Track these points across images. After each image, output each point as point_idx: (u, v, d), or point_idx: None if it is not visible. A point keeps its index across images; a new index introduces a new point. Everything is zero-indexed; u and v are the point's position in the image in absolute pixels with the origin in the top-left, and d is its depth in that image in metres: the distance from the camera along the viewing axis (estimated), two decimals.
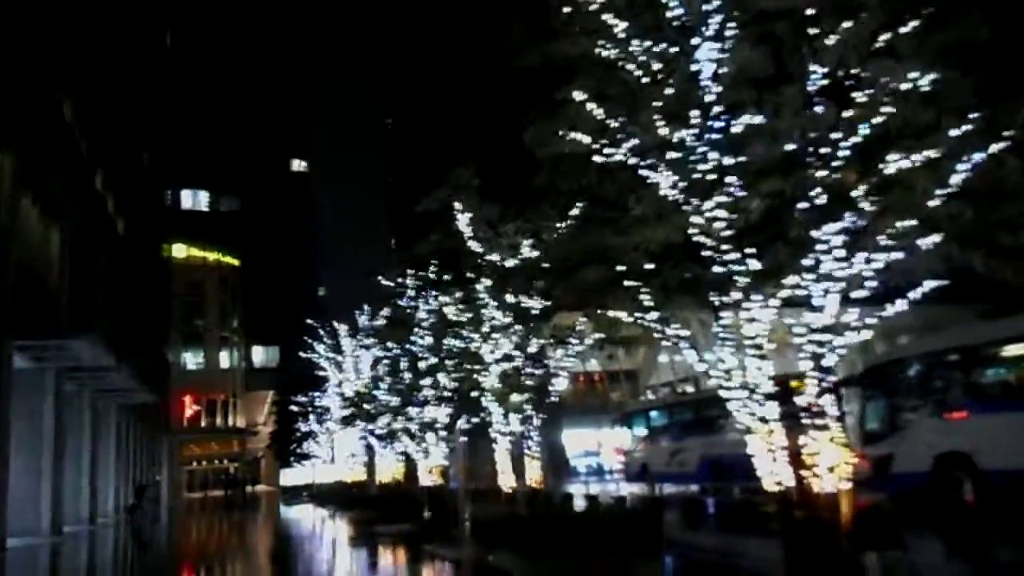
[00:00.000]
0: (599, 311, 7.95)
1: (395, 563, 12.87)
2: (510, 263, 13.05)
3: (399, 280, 18.19)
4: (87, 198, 28.72)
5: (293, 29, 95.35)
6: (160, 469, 52.67)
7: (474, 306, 12.84)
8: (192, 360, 72.52)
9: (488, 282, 12.89)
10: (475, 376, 13.23)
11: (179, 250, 69.18)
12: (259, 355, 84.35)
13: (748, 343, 7.17)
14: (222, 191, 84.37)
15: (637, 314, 7.86)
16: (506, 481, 13.09)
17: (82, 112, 28.02)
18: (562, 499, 14.99)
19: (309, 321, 33.49)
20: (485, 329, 12.86)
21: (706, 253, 6.94)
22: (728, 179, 6.66)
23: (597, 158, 7.40)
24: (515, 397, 13.02)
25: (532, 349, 12.82)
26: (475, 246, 13.07)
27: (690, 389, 47.57)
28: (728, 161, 6.65)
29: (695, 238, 6.92)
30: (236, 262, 75.89)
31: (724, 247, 6.82)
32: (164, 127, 55.29)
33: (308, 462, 51.02)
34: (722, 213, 6.69)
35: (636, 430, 27.59)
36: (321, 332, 31.62)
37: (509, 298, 12.79)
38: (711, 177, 6.73)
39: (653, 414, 26.84)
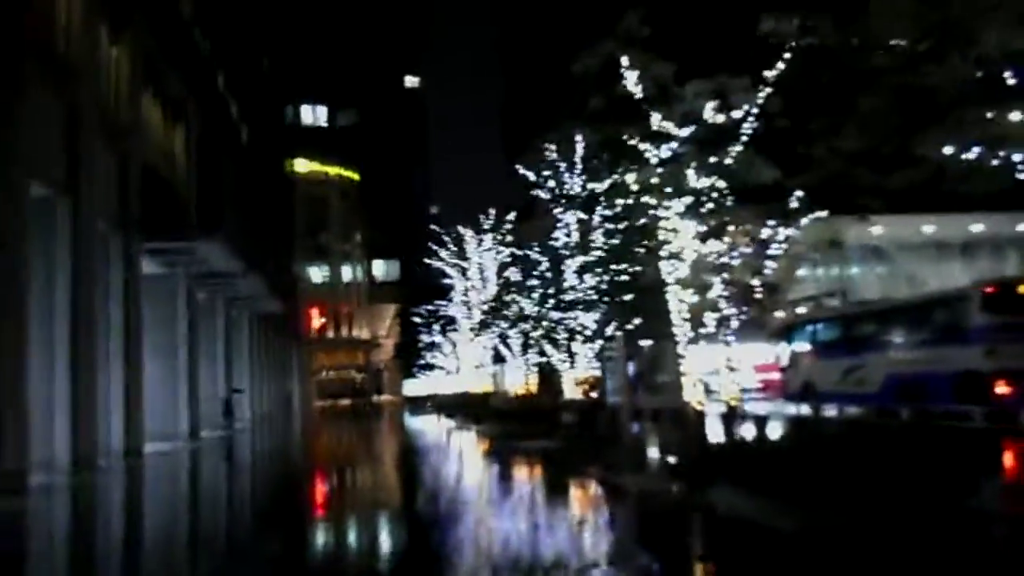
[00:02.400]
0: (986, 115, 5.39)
1: (558, 489, 10.96)
2: (686, 131, 10.50)
3: (548, 157, 15.86)
4: (210, 99, 27.95)
5: None
6: (291, 377, 54.29)
7: (652, 181, 10.41)
8: (317, 274, 74.07)
9: (666, 151, 10.39)
10: (650, 268, 10.92)
11: (301, 165, 69.68)
12: (379, 269, 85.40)
13: None
14: (339, 106, 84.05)
15: None
16: (694, 397, 10.88)
17: (201, 11, 26.96)
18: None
19: (433, 227, 32.07)
20: (675, 206, 10.39)
21: None
22: None
23: None
24: (714, 292, 10.68)
25: (728, 238, 10.30)
26: (654, 117, 10.53)
27: (835, 303, 43.75)
28: None
29: None
30: (356, 176, 76.03)
31: None
32: (282, 35, 54.56)
33: (431, 373, 51.03)
34: None
35: (797, 344, 24.71)
36: (446, 238, 30.20)
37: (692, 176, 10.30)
38: None
39: (820, 326, 23.78)
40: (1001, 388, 15.60)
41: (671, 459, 10.59)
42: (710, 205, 10.13)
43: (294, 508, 10.71)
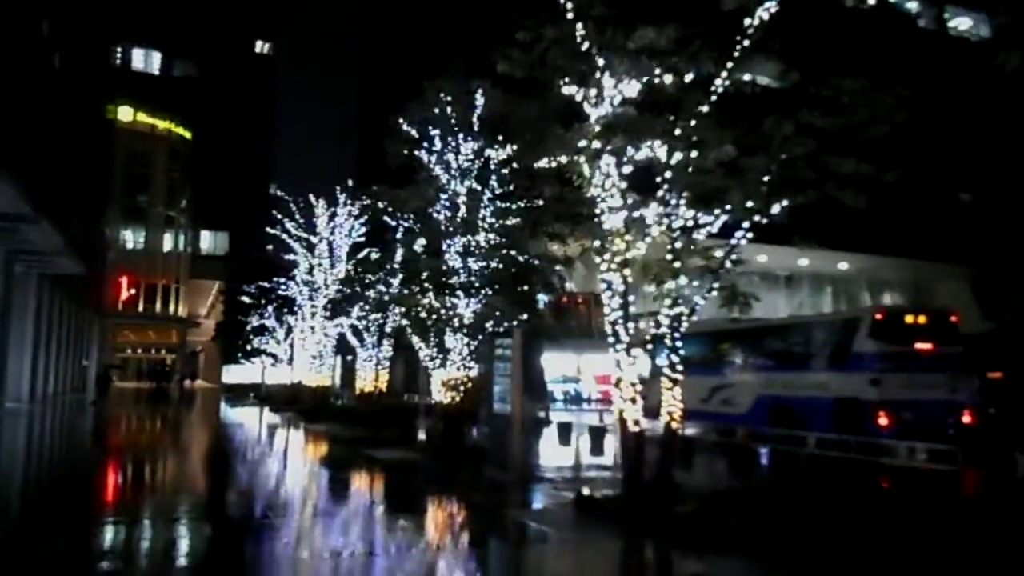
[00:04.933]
0: None
1: (436, 529, 8.34)
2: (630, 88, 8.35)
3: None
4: (12, 6, 22.75)
5: None
6: (89, 354, 47.41)
7: (585, 145, 8.13)
8: (132, 239, 66.02)
9: (606, 108, 8.17)
10: (593, 245, 8.66)
11: (125, 113, 61.71)
12: (207, 241, 77.76)
13: None
14: (176, 54, 75.78)
15: None
16: (630, 414, 8.83)
17: None
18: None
19: (279, 193, 28.24)
20: (613, 176, 8.09)
21: None
22: None
23: None
24: (674, 283, 8.59)
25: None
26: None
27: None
28: None
29: None
30: (188, 135, 68.61)
31: None
32: None
33: (257, 360, 46.35)
34: None
35: (659, 359, 23.71)
36: (293, 207, 26.56)
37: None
38: None
39: (685, 341, 22.86)
40: (883, 419, 15.04)
41: (586, 491, 8.50)
42: (667, 173, 8.06)
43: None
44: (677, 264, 8.51)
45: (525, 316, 13.05)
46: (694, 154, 7.94)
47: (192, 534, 7.75)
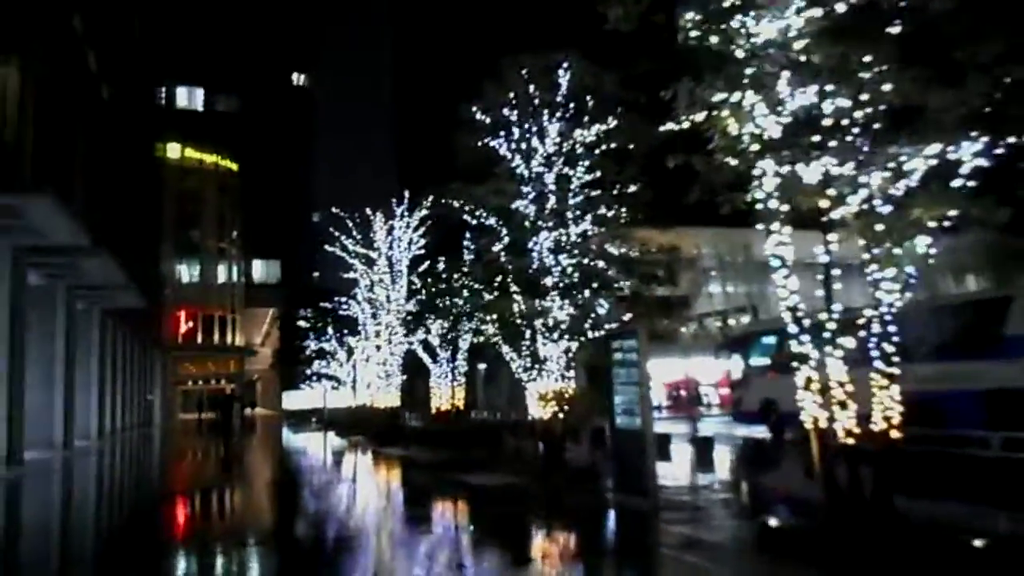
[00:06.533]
0: None
1: None
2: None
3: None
4: (59, 37, 22.44)
5: None
6: (152, 387, 47.48)
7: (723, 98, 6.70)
8: (187, 273, 66.61)
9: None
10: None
11: (173, 150, 62.36)
12: (258, 270, 78.26)
13: None
14: (219, 90, 76.77)
15: None
16: (839, 422, 7.25)
17: None
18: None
19: (334, 209, 27.40)
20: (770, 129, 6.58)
21: None
22: None
23: None
24: (906, 246, 7.11)
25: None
26: None
27: (744, 320, 42.34)
28: None
29: None
30: (234, 167, 69.09)
31: None
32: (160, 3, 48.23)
33: (318, 384, 45.75)
34: None
35: (754, 358, 22.00)
36: (349, 223, 25.68)
37: None
38: None
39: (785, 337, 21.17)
40: None
41: (773, 521, 6.86)
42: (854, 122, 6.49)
43: None
44: (917, 215, 6.79)
45: (628, 316, 11.72)
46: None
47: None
